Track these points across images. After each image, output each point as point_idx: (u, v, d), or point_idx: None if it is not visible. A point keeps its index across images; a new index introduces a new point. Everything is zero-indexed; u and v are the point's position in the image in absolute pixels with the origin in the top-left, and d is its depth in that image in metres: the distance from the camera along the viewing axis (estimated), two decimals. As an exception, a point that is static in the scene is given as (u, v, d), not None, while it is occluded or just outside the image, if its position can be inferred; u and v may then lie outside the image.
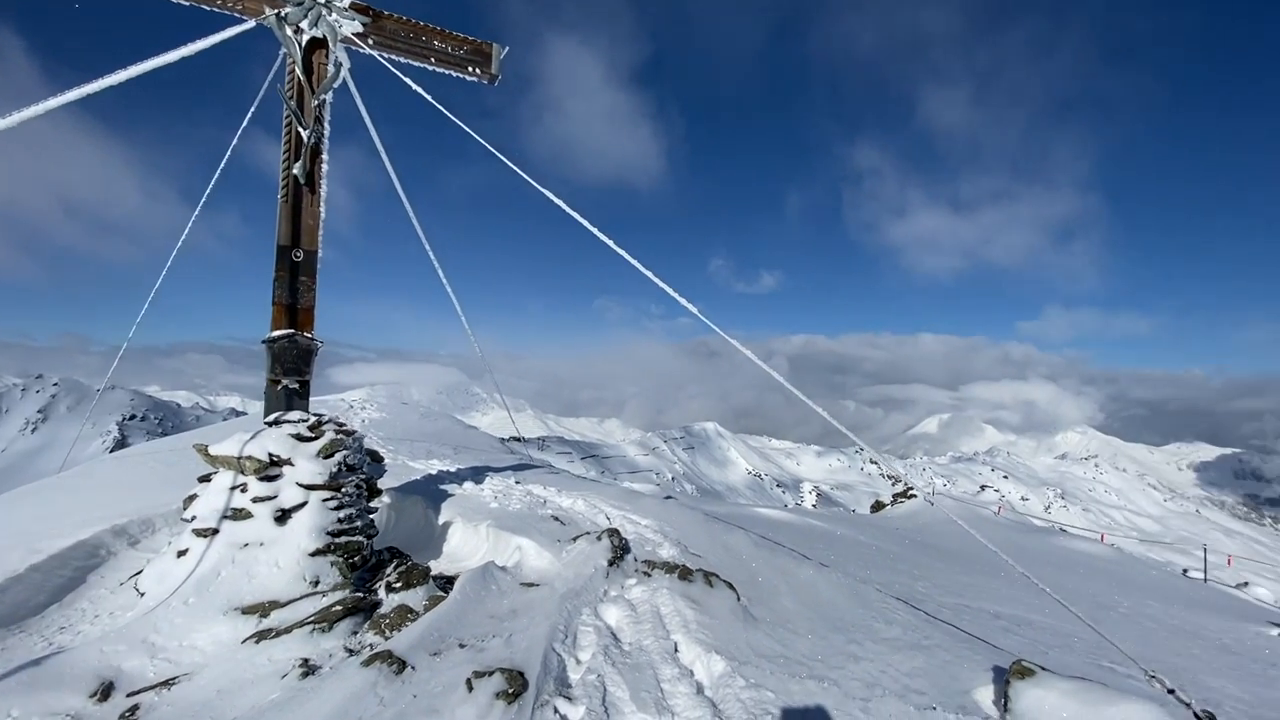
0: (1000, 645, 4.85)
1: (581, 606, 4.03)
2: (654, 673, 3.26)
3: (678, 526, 6.15)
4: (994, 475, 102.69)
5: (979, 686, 3.66)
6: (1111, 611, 8.21)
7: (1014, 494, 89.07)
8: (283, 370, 5.03)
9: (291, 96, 5.19)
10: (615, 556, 4.81)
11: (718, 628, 3.83)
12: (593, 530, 5.49)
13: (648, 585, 4.39)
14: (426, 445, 12.21)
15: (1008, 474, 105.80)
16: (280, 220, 5.12)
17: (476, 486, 7.15)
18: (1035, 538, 15.64)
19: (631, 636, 3.72)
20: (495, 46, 5.96)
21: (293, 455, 4.62)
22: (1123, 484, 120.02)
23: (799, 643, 3.93)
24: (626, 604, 4.15)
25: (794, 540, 8.29)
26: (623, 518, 6.28)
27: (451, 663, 3.28)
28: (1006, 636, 5.29)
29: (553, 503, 6.76)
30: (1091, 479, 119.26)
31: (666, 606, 4.04)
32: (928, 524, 17.95)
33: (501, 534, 5.58)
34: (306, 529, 4.43)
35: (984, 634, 5.14)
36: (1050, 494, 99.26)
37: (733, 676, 3.24)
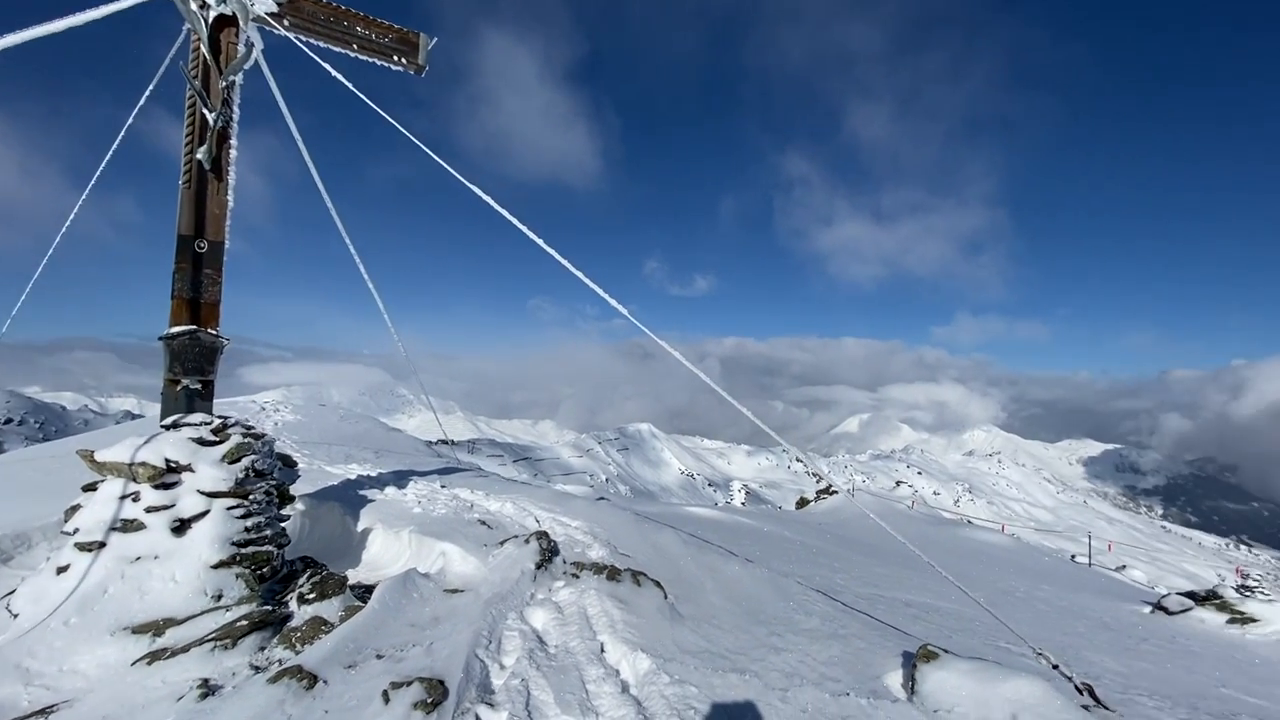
0: (910, 632, 5.14)
1: (507, 611, 3.96)
2: (579, 674, 3.25)
3: (608, 527, 6.15)
4: (909, 472, 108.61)
5: (890, 671, 3.88)
6: (1009, 596, 8.88)
7: (927, 489, 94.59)
8: (183, 369, 4.68)
9: (196, 76, 4.84)
10: (543, 559, 4.76)
11: (644, 626, 3.86)
12: (521, 534, 5.41)
13: (576, 587, 4.37)
14: (346, 449, 11.66)
15: (921, 470, 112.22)
16: (182, 208, 4.76)
17: (399, 491, 6.90)
18: (944, 529, 16.69)
19: (558, 639, 3.70)
20: (423, 37, 5.78)
21: (193, 461, 4.30)
22: (1022, 478, 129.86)
23: (723, 637, 4.02)
24: (554, 606, 4.12)
25: (722, 538, 8.48)
26: (552, 520, 6.22)
27: (367, 675, 3.15)
28: (916, 623, 5.62)
29: (480, 506, 6.61)
30: (995, 474, 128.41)
31: (594, 607, 4.04)
32: (848, 519, 18.79)
33: (425, 540, 5.40)
34: (208, 539, 4.14)
35: (896, 622, 5.44)
36: (959, 488, 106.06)
37: (658, 674, 3.28)
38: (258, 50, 5.03)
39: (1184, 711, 4.49)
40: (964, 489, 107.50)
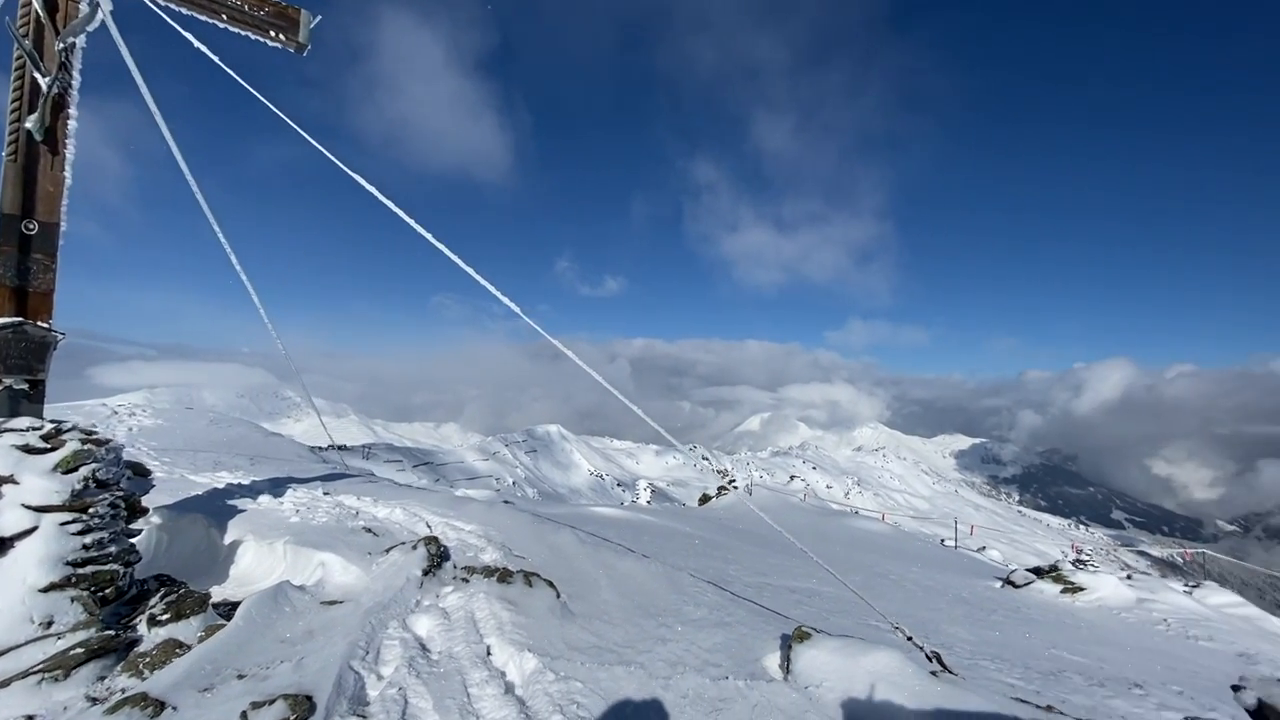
0: (792, 616, 5.46)
1: (389, 620, 3.81)
2: (462, 679, 3.19)
3: (503, 530, 6.06)
4: (805, 467, 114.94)
5: (769, 654, 4.11)
6: (884, 578, 9.63)
7: (820, 482, 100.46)
8: (6, 367, 4.11)
9: (26, 35, 4.27)
10: (431, 565, 4.61)
11: (533, 626, 3.85)
12: (409, 540, 5.21)
13: (465, 591, 4.28)
14: (215, 456, 10.68)
15: (816, 465, 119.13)
16: (6, 183, 4.19)
17: (275, 500, 6.42)
18: (832, 520, 17.81)
19: (442, 645, 3.61)
20: (304, 13, 5.41)
21: (17, 471, 3.79)
22: (903, 470, 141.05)
23: (613, 632, 4.09)
24: (440, 612, 4.01)
25: (622, 535, 8.59)
26: (445, 525, 6.04)
27: (225, 697, 2.92)
28: (798, 608, 5.98)
29: (367, 514, 6.29)
30: (880, 467, 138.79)
31: (482, 611, 3.97)
32: (746, 513, 19.59)
33: (302, 550, 5.07)
34: (36, 560, 3.66)
35: (780, 608, 5.77)
36: (849, 481, 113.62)
37: (543, 672, 3.28)
38: (105, 12, 4.51)
39: (1019, 671, 5.08)
40: (853, 481, 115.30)
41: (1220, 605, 10.14)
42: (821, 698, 3.45)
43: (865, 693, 3.42)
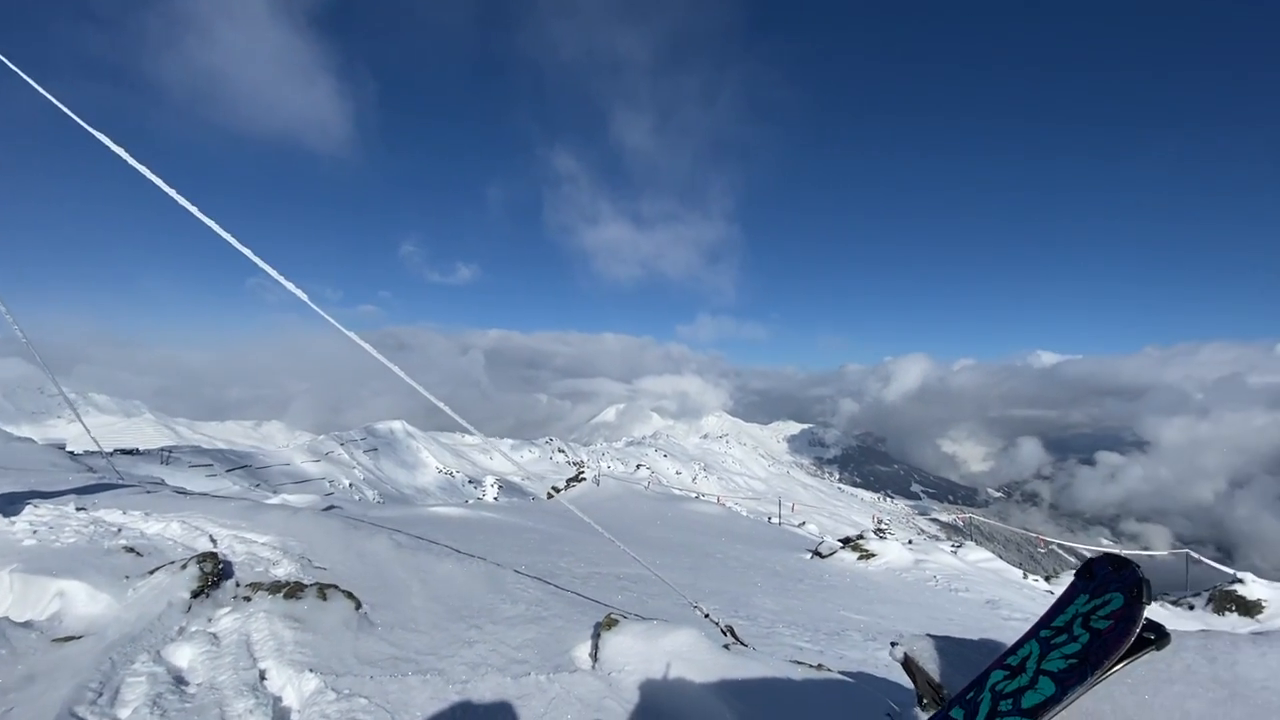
0: (612, 604, 5.62)
1: (138, 652, 3.29)
2: (221, 711, 2.84)
3: (305, 540, 5.53)
4: (657, 455, 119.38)
5: (580, 644, 4.17)
6: (710, 557, 10.29)
7: (670, 470, 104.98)
8: None
9: None
10: (205, 585, 4.07)
11: (321, 644, 3.55)
12: (181, 558, 4.56)
13: (242, 612, 3.82)
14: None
15: (667, 453, 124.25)
16: None
17: (4, 520, 5.28)
18: (673, 505, 18.70)
19: (205, 675, 3.19)
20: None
21: None
22: (744, 455, 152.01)
23: (416, 640, 3.90)
24: (208, 638, 3.54)
25: (453, 536, 8.26)
26: (233, 537, 5.37)
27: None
28: (621, 594, 6.17)
29: (132, 530, 5.39)
30: (724, 453, 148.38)
31: (261, 632, 3.58)
32: (595, 503, 19.89)
33: (35, 579, 4.21)
34: None
35: (603, 596, 5.90)
36: (696, 468, 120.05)
37: (324, 692, 3.03)
38: None
39: (809, 634, 5.69)
40: (700, 467, 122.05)
41: (977, 561, 12.22)
42: (622, 682, 3.57)
43: (662, 672, 3.59)
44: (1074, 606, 1.30)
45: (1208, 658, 1.52)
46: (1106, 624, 1.21)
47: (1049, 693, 1.15)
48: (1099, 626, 1.21)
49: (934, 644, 1.62)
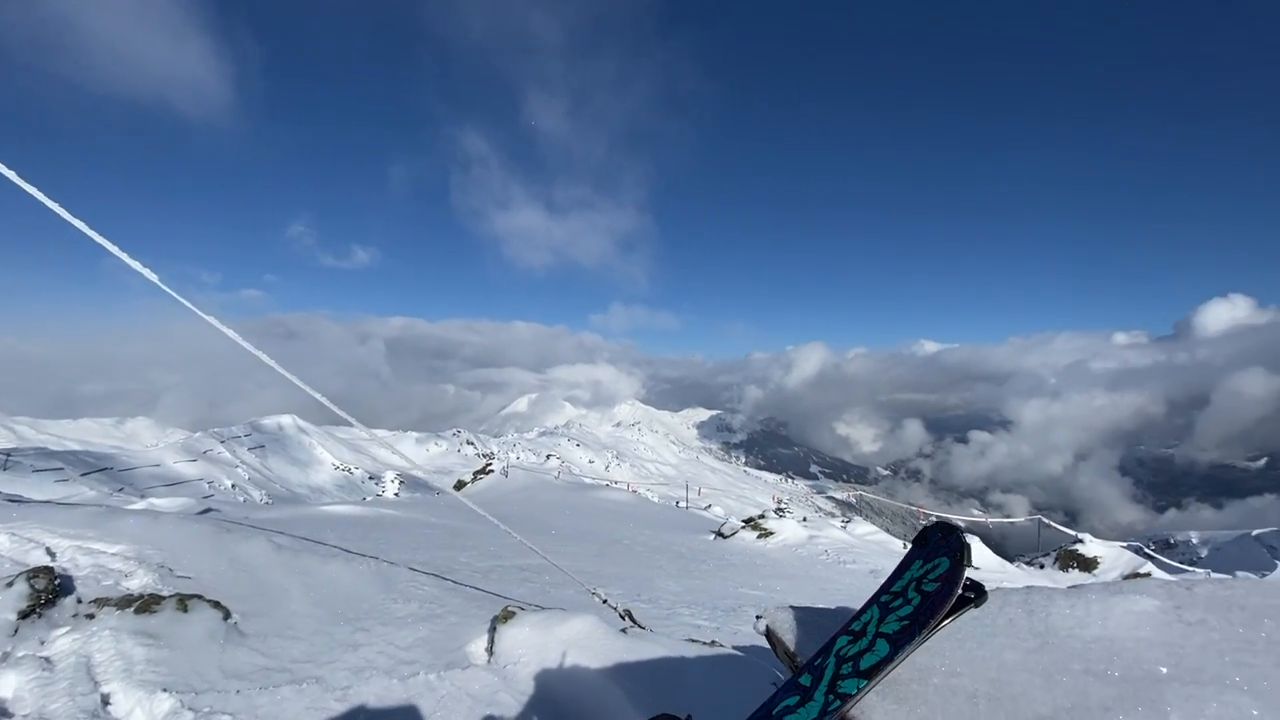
0: (513, 596, 5.53)
1: (-56, 688, 2.85)
2: (50, 745, 2.52)
3: (166, 547, 5.01)
4: (570, 445, 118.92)
5: (476, 639, 4.07)
6: (617, 544, 10.39)
7: (583, 459, 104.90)
8: None
9: None
10: (35, 604, 3.58)
11: (178, 660, 3.23)
12: (6, 576, 3.99)
13: (83, 631, 3.41)
14: None
15: (580, 443, 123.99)
16: None
17: None
18: (584, 493, 18.70)
19: (34, 703, 2.81)
20: None
21: None
22: (655, 443, 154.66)
23: (293, 648, 3.65)
24: (39, 663, 3.13)
25: (344, 535, 7.81)
26: (77, 549, 4.76)
27: None
28: (524, 586, 6.09)
29: (-56, 546, 4.65)
30: (637, 441, 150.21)
31: (105, 653, 3.20)
32: (503, 495, 19.52)
33: None
34: None
35: (504, 589, 5.80)
36: (609, 456, 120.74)
37: (180, 713, 2.76)
38: None
39: (707, 612, 5.88)
40: (613, 456, 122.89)
41: (864, 534, 13.15)
42: (517, 674, 3.53)
43: (558, 661, 3.58)
44: (910, 572, 1.41)
45: (1027, 611, 1.69)
46: (934, 586, 1.31)
47: (883, 653, 1.23)
48: (928, 589, 1.32)
49: (795, 615, 1.70)
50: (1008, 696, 1.21)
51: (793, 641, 1.57)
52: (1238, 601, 1.79)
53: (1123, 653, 1.44)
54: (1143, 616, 1.65)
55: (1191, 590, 1.93)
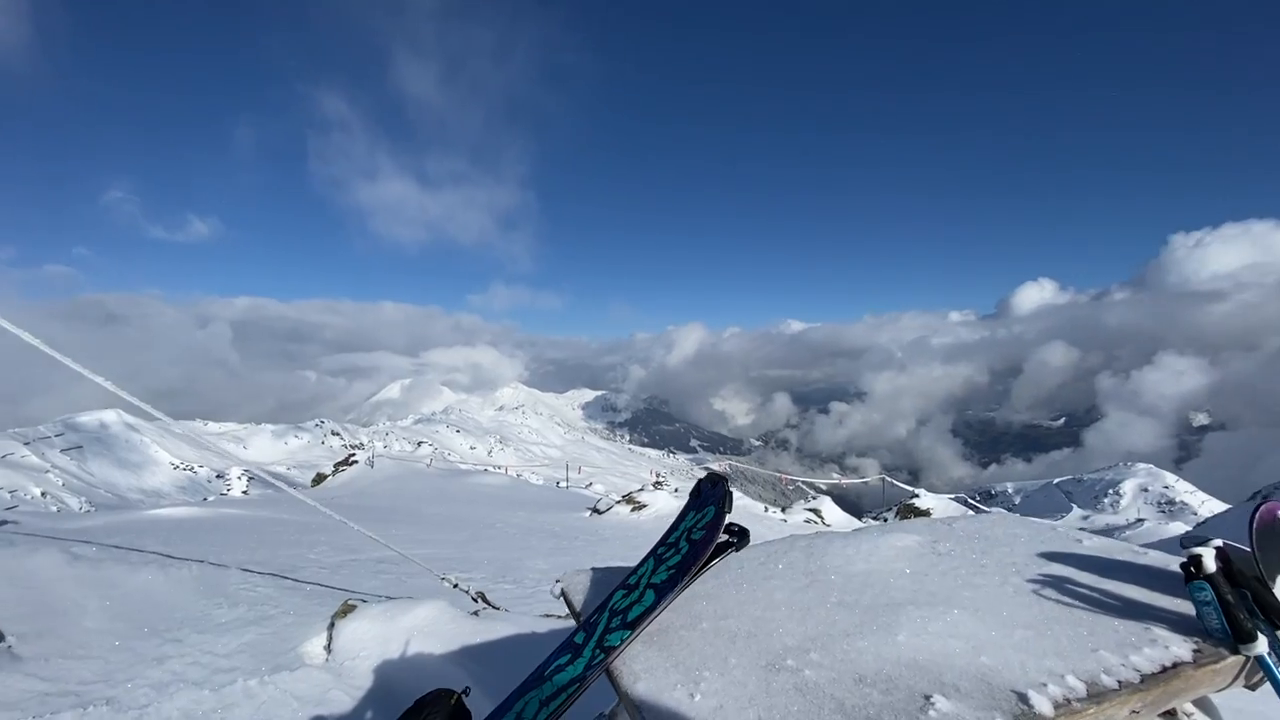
0: (365, 589, 5.24)
1: None
2: None
3: (-86, 569, 4.18)
4: (449, 431, 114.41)
5: (313, 638, 3.80)
6: (490, 528, 10.20)
7: (464, 445, 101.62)
8: None
9: None
10: None
11: (-84, 699, 2.72)
12: None
13: None
14: None
15: (460, 429, 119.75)
16: None
17: None
18: (457, 480, 18.11)
19: None
20: None
21: None
22: (540, 425, 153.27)
23: (81, 669, 3.20)
24: None
25: (168, 540, 6.98)
26: None
27: None
28: (377, 579, 5.79)
29: None
30: (521, 424, 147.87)
31: None
32: (368, 486, 18.39)
33: None
34: None
35: (354, 584, 5.48)
36: (492, 440, 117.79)
37: (-86, 761, 2.33)
38: None
39: (572, 587, 5.94)
40: (496, 440, 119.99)
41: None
42: (355, 669, 3.35)
43: (401, 651, 3.45)
44: (685, 523, 1.50)
45: (807, 554, 1.87)
46: (701, 534, 1.41)
47: (649, 603, 1.30)
48: (696, 537, 1.41)
49: (591, 577, 1.75)
50: (764, 633, 1.32)
51: (580, 602, 1.61)
52: (984, 533, 2.09)
53: (876, 584, 1.63)
54: (903, 550, 1.88)
55: (951, 526, 2.22)
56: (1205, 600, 1.30)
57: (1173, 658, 1.22)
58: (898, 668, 1.17)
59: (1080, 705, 1.08)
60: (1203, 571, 1.33)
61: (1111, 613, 1.41)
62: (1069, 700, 1.08)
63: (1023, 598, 1.49)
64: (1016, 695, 1.08)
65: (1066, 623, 1.36)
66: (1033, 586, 1.54)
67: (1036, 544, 1.87)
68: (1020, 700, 1.07)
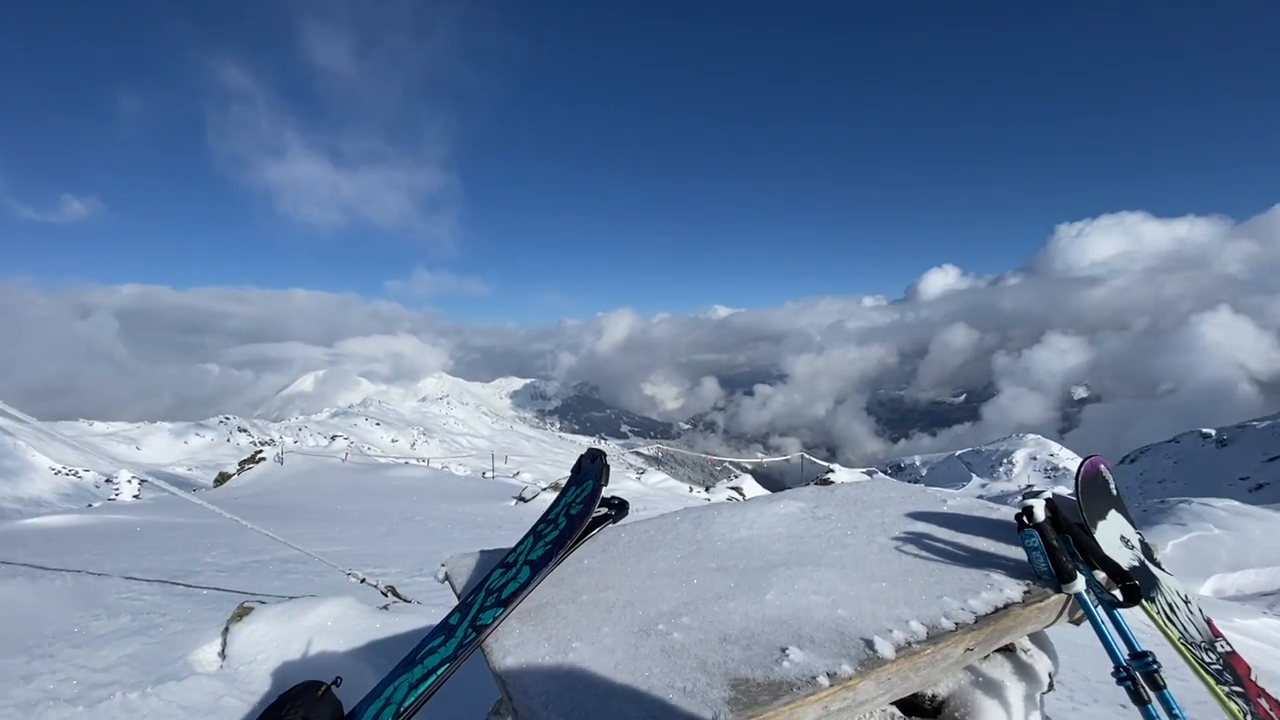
0: (266, 592, 4.97)
1: None
2: None
3: None
4: (369, 424, 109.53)
5: (206, 644, 3.58)
6: (409, 521, 9.89)
7: (385, 438, 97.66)
8: None
9: None
10: None
11: None
12: None
13: None
14: None
15: (380, 421, 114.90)
16: None
17: None
18: (375, 474, 17.39)
19: None
20: None
21: None
22: (466, 415, 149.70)
23: (-77, 697, 2.87)
24: None
25: (41, 550, 6.33)
26: None
27: None
28: (281, 579, 5.50)
29: None
30: (445, 415, 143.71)
31: None
32: (278, 484, 17.37)
33: None
34: None
35: (255, 585, 5.18)
36: (415, 432, 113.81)
37: None
38: None
39: (492, 576, 5.88)
40: (419, 432, 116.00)
41: (655, 484, 14.17)
42: (252, 674, 3.18)
43: (302, 651, 3.31)
44: (565, 499, 1.52)
45: (694, 524, 1.93)
46: (580, 508, 1.43)
47: (524, 579, 1.32)
48: (574, 512, 1.43)
49: (478, 559, 1.75)
50: (642, 601, 1.36)
51: (462, 585, 1.61)
52: (861, 498, 2.22)
53: (755, 549, 1.70)
54: (785, 517, 1.97)
55: (833, 492, 2.36)
56: (1034, 546, 1.46)
57: (1005, 599, 1.36)
58: (762, 625, 1.24)
59: (919, 647, 1.18)
60: (1033, 520, 1.48)
61: (960, 563, 1.55)
62: (910, 643, 1.18)
63: (885, 554, 1.60)
64: (864, 642, 1.17)
65: (920, 574, 1.48)
66: (896, 544, 1.67)
67: (906, 505, 2.02)
68: (867, 646, 1.16)
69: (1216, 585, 22.39)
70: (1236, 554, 24.17)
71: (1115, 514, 1.71)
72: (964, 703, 1.47)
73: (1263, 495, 41.73)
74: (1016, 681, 1.56)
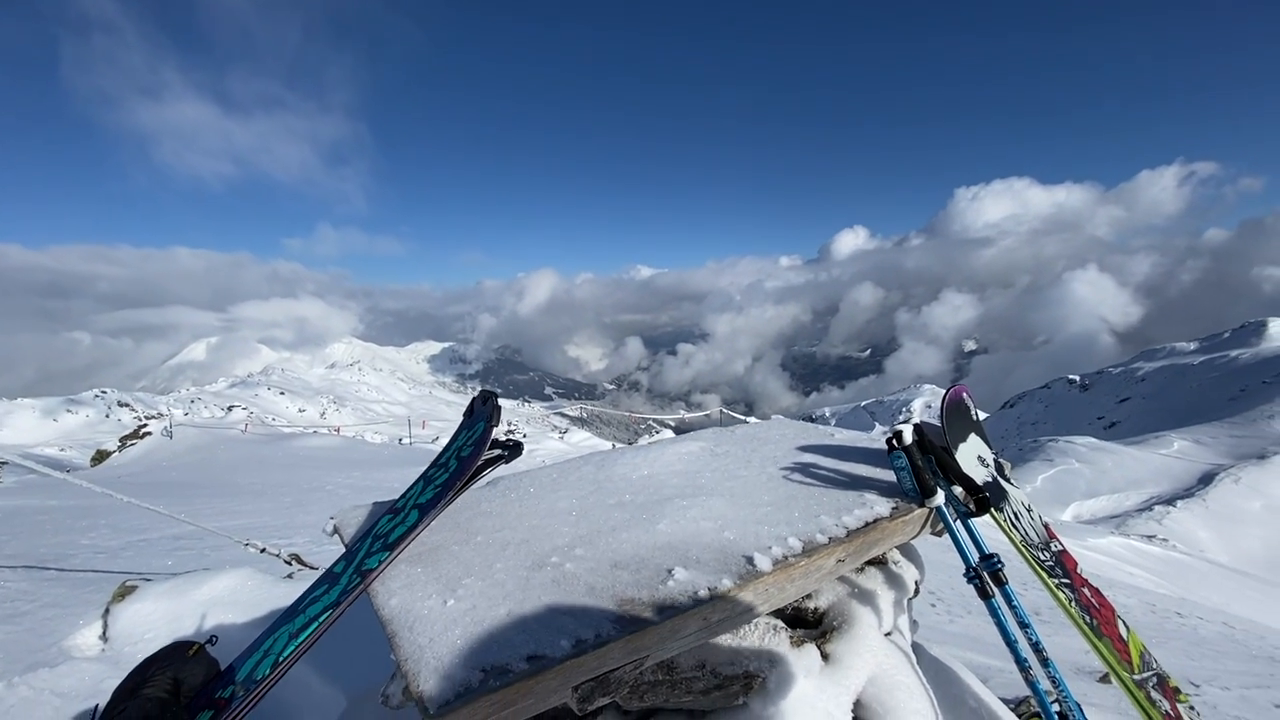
0: (156, 569, 4.65)
1: None
2: None
3: None
4: (272, 394, 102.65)
5: (85, 627, 3.31)
6: (317, 491, 9.47)
7: (291, 408, 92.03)
8: None
9: None
10: None
11: None
12: None
13: None
14: None
15: (284, 390, 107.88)
16: None
17: None
18: (278, 445, 16.44)
19: None
20: None
21: None
22: (380, 381, 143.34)
23: None
24: None
25: None
26: None
27: None
28: (172, 557, 5.15)
29: None
30: (357, 382, 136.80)
31: None
32: (166, 460, 16.09)
33: None
34: None
35: (140, 565, 4.83)
36: (324, 401, 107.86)
37: None
38: None
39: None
40: (329, 400, 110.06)
41: (578, 442, 14.27)
42: (139, 654, 2.98)
43: (196, 625, 3.13)
44: (456, 442, 1.50)
45: (598, 466, 1.96)
46: (470, 450, 1.41)
47: (412, 522, 1.30)
48: (465, 454, 1.42)
49: (370, 510, 1.71)
50: (538, 538, 1.38)
51: (350, 535, 1.57)
52: (758, 435, 2.32)
53: (652, 485, 1.75)
54: (686, 455, 2.03)
55: (734, 431, 2.45)
56: (901, 467, 1.58)
57: (875, 515, 1.48)
58: (652, 551, 1.29)
59: (795, 560, 1.27)
60: (902, 444, 1.60)
61: (839, 486, 1.67)
62: (786, 557, 1.27)
63: (774, 483, 1.70)
64: (745, 559, 1.24)
65: (803, 499, 1.58)
66: (784, 474, 1.77)
67: (798, 440, 2.14)
68: (748, 562, 1.23)
69: (1075, 511, 25.45)
70: (1092, 484, 27.49)
71: (975, 437, 1.89)
72: (841, 611, 1.60)
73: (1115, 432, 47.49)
74: (887, 590, 1.71)
